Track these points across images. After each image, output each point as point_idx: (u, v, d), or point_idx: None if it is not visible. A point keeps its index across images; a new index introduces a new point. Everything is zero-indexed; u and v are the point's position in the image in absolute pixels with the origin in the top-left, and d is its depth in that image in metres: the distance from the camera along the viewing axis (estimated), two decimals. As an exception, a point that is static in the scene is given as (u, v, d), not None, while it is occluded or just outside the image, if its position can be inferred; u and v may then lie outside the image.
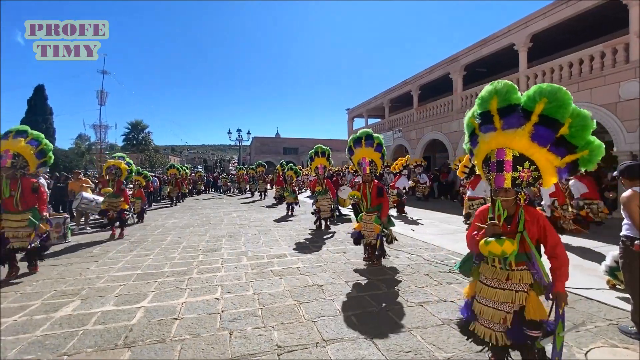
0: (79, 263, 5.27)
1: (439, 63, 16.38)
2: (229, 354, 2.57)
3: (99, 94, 34.23)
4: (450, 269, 4.60)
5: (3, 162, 4.32)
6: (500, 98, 1.95)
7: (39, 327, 3.05)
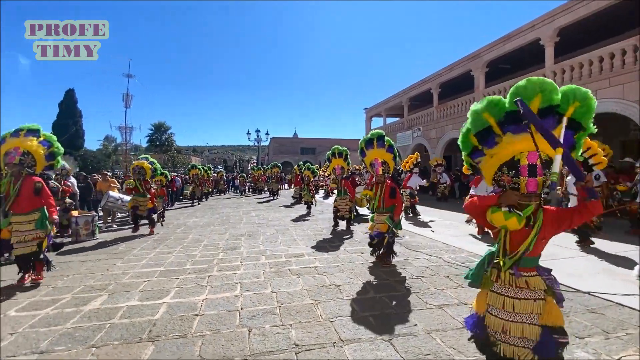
0: (106, 259, 5.50)
1: (460, 60, 15.98)
2: (247, 350, 2.61)
3: (124, 97, 35.66)
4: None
5: (11, 158, 4.11)
6: (545, 97, 1.77)
7: (69, 319, 3.21)
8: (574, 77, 10.53)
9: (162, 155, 42.85)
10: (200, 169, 17.16)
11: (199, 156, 77.10)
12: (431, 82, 18.32)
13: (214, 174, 23.30)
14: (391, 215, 4.68)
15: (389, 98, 23.36)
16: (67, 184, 7.84)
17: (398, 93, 22.09)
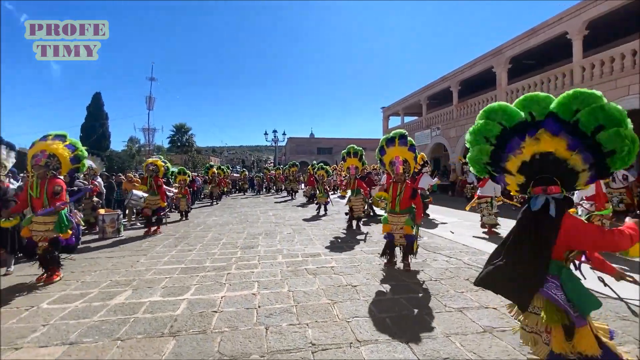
0: (130, 256, 5.72)
1: (481, 57, 15.54)
2: (265, 348, 2.64)
3: (147, 99, 36.94)
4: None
5: (37, 160, 4.28)
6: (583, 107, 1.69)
7: (96, 313, 3.36)
8: (604, 72, 10.03)
9: (182, 156, 44.02)
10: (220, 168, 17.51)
11: (218, 156, 78.67)
12: (450, 79, 17.92)
13: (234, 174, 23.81)
14: (413, 216, 4.55)
15: (407, 97, 23.03)
16: (94, 184, 8.20)
17: (416, 91, 21.74)
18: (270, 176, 23.39)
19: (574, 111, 1.67)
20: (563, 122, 1.71)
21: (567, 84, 11.34)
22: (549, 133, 1.74)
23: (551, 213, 1.69)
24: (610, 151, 1.61)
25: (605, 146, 1.61)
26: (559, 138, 1.72)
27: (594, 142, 1.63)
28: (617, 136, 1.56)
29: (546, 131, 1.74)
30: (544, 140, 1.75)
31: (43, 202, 4.28)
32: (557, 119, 1.72)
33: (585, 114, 1.63)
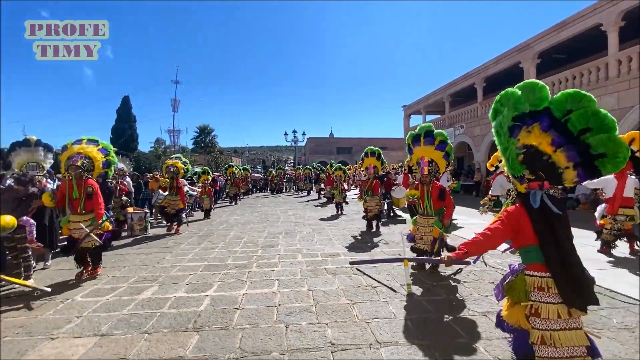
0: (156, 253, 5.94)
1: (507, 52, 14.98)
2: (285, 346, 2.67)
3: (172, 102, 38.26)
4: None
5: (74, 161, 4.43)
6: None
7: (125, 306, 3.51)
8: (644, 65, 9.39)
9: (206, 156, 45.26)
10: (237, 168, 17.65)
11: (240, 157, 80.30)
12: (475, 76, 17.38)
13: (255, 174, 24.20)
14: (440, 218, 4.38)
15: (429, 95, 22.56)
16: (123, 183, 8.57)
17: (438, 89, 21.25)
18: (290, 176, 23.58)
19: (567, 110, 1.74)
20: (554, 120, 1.77)
21: (601, 79, 10.71)
22: (540, 128, 1.81)
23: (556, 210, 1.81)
24: (600, 154, 1.67)
25: (594, 148, 1.67)
26: (546, 134, 1.79)
27: (581, 142, 1.70)
28: (609, 140, 1.63)
29: (539, 126, 1.81)
30: (534, 134, 1.83)
31: (80, 202, 4.48)
32: (551, 115, 1.78)
33: (577, 115, 1.70)
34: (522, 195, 1.93)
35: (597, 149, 1.67)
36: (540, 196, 1.83)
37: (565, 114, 1.74)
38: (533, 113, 1.82)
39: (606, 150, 1.65)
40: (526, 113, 1.84)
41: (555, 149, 1.78)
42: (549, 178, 1.84)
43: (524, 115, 1.84)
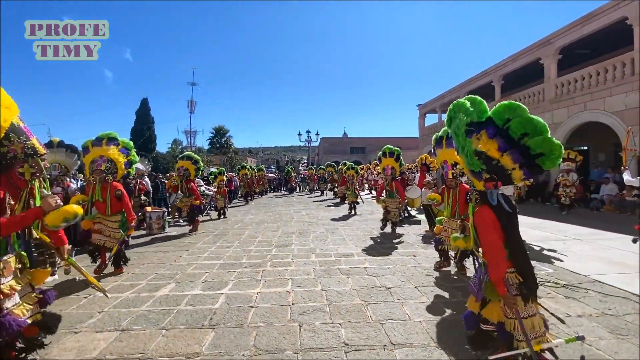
0: (174, 251, 6.08)
1: (527, 48, 14.53)
2: (298, 345, 2.68)
3: (189, 103, 39.07)
4: (540, 281, 4.05)
5: (98, 165, 4.49)
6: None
7: (144, 303, 3.61)
8: (675, 59, 8.91)
9: (221, 157, 45.95)
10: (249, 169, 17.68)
11: (254, 157, 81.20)
12: (493, 73, 16.95)
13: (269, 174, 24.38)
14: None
15: (445, 93, 22.17)
16: (142, 183, 8.82)
17: (454, 87, 20.86)
18: (303, 176, 23.70)
19: (506, 119, 1.98)
20: (498, 128, 2.01)
21: (627, 74, 10.26)
22: (487, 135, 2.03)
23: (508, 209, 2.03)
24: (538, 154, 1.92)
25: (534, 149, 1.92)
26: (492, 140, 2.01)
27: (522, 145, 1.94)
28: (544, 141, 1.89)
29: (486, 133, 2.03)
30: (482, 140, 2.04)
31: (107, 205, 4.58)
32: (494, 124, 2.02)
33: (516, 122, 1.95)
34: (483, 195, 2.11)
35: (536, 150, 1.91)
36: (496, 195, 2.04)
37: (506, 122, 1.98)
38: (480, 123, 2.06)
39: (543, 150, 1.90)
40: (475, 122, 2.07)
41: (502, 154, 1.99)
42: (501, 179, 2.05)
43: (473, 123, 2.08)
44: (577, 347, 2.58)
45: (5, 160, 1.93)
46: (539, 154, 1.92)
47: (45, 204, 2.08)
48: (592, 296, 3.61)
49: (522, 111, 1.97)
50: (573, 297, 3.59)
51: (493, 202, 2.03)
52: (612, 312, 3.20)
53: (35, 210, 2.06)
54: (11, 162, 1.97)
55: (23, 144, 1.98)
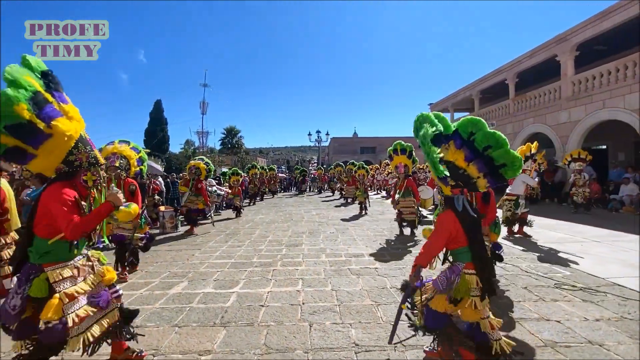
0: (186, 250, 6.18)
1: (543, 45, 14.18)
2: (309, 344, 2.69)
3: (201, 104, 39.61)
4: (557, 284, 3.95)
5: (112, 161, 4.56)
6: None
7: (157, 300, 3.69)
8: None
9: (232, 157, 46.43)
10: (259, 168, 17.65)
11: (265, 157, 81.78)
12: (507, 71, 16.61)
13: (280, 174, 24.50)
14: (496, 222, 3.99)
15: (457, 91, 21.83)
16: (156, 183, 9.00)
17: (467, 86, 20.51)
18: (313, 176, 23.72)
19: (470, 132, 2.17)
20: (464, 140, 2.20)
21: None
22: (455, 145, 2.23)
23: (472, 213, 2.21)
24: (501, 164, 2.11)
25: (497, 160, 2.11)
26: (460, 151, 2.21)
27: (486, 156, 2.13)
28: (506, 153, 2.09)
29: (454, 143, 2.23)
30: (450, 150, 2.24)
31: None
32: (460, 136, 2.21)
33: (479, 135, 2.14)
34: (448, 199, 2.27)
35: (499, 161, 2.11)
36: (462, 200, 2.21)
37: (470, 135, 2.17)
38: (447, 135, 2.24)
39: (505, 161, 2.10)
40: (442, 134, 2.24)
41: (468, 164, 2.19)
42: (467, 186, 2.24)
43: (441, 134, 2.24)
44: (594, 351, 2.52)
45: (72, 168, 2.12)
46: (502, 165, 2.12)
47: (115, 198, 2.22)
48: (610, 300, 3.50)
49: (483, 126, 2.18)
50: (591, 300, 3.49)
51: (459, 207, 2.20)
52: (631, 316, 3.10)
53: (106, 205, 2.20)
54: (77, 170, 2.15)
55: (88, 154, 2.18)
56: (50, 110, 1.96)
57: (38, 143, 1.95)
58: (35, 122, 1.88)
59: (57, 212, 1.98)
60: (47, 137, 1.96)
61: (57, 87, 2.08)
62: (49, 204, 2.01)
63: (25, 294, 1.95)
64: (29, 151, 1.97)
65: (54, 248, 2.04)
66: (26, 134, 1.89)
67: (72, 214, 2.00)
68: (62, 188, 2.06)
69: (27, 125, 1.86)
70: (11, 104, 1.78)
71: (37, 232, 2.03)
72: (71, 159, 2.10)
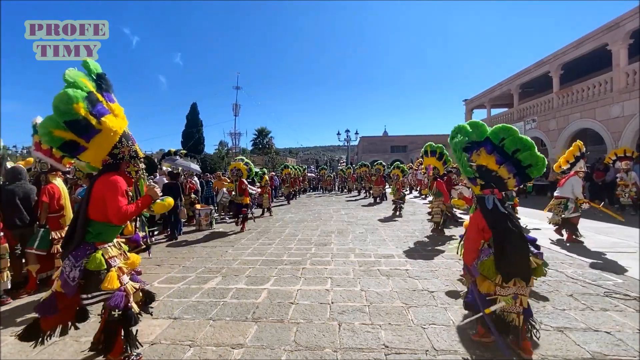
0: (220, 246, 6.43)
1: (592, 33, 13.11)
2: (338, 344, 2.70)
3: (234, 106, 40.93)
4: (607, 292, 3.64)
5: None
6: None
7: (193, 294, 3.87)
8: None
9: (263, 157, 47.53)
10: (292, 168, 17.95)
11: (295, 157, 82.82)
12: (550, 63, 15.54)
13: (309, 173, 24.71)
14: None
15: (494, 86, 20.78)
16: (192, 182, 9.44)
17: (505, 80, 19.46)
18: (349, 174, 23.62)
19: (501, 138, 2.46)
20: (495, 145, 2.49)
21: None
22: (485, 151, 2.51)
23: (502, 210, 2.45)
24: (528, 165, 2.40)
25: (524, 162, 2.40)
26: (491, 155, 2.49)
27: (514, 159, 2.43)
28: (532, 155, 2.38)
29: (485, 150, 2.51)
30: (482, 156, 2.52)
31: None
32: (491, 142, 2.50)
33: (509, 141, 2.43)
34: (479, 199, 2.53)
35: (526, 162, 2.40)
36: (492, 199, 2.47)
37: (501, 141, 2.46)
38: (479, 142, 2.53)
39: (531, 162, 2.39)
40: (474, 142, 2.54)
41: (499, 166, 2.47)
42: (498, 186, 2.51)
43: (473, 143, 2.54)
44: (652, 368, 2.29)
45: (116, 160, 2.36)
46: (528, 165, 2.40)
47: (153, 193, 2.49)
48: (671, 312, 3.16)
49: (514, 132, 2.44)
50: (647, 312, 3.18)
51: (489, 205, 2.45)
52: (698, 331, 2.78)
53: (147, 198, 2.47)
54: (120, 162, 2.38)
55: (129, 148, 2.42)
56: (101, 108, 2.21)
57: (90, 137, 2.20)
58: (89, 118, 2.13)
59: (110, 199, 2.21)
60: (97, 132, 2.20)
61: (108, 89, 2.31)
62: (103, 191, 2.23)
63: (82, 267, 2.17)
64: (81, 144, 2.21)
65: (107, 230, 2.32)
66: (81, 129, 2.14)
67: (122, 201, 2.24)
68: (114, 177, 2.29)
69: (82, 121, 2.11)
70: (71, 102, 2.03)
71: (93, 216, 2.26)
72: (115, 152, 2.34)
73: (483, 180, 2.52)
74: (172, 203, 2.65)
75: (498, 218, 2.41)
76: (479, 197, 2.54)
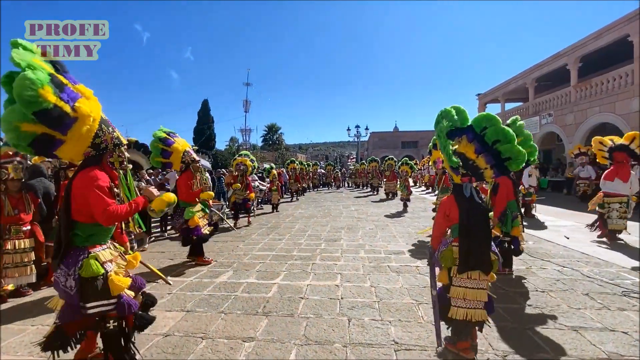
0: (231, 241, 6.52)
1: (612, 24, 12.62)
2: (347, 339, 2.71)
3: (244, 103, 41.17)
4: (625, 292, 3.54)
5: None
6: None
7: (206, 288, 3.95)
8: None
9: (273, 153, 47.74)
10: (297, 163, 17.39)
11: (304, 153, 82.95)
12: (568, 55, 15.05)
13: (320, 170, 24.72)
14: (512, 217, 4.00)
15: (509, 80, 20.27)
16: (204, 178, 9.55)
17: (520, 73, 18.95)
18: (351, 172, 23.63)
19: (483, 127, 2.35)
20: (476, 134, 2.38)
21: None
22: (467, 139, 2.41)
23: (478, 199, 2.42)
24: (507, 157, 2.30)
25: (503, 154, 2.30)
26: (471, 144, 2.40)
27: (494, 150, 2.32)
28: (512, 148, 2.28)
29: (466, 137, 2.41)
30: (463, 143, 2.44)
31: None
32: (473, 130, 2.38)
33: (490, 130, 2.32)
34: (457, 186, 2.47)
35: (505, 154, 2.30)
36: (470, 188, 2.41)
37: (482, 130, 2.35)
38: (461, 129, 2.41)
39: (511, 155, 2.29)
40: (458, 128, 2.41)
41: (477, 156, 2.37)
42: (475, 176, 2.44)
43: (456, 129, 2.42)
44: (671, 370, 2.23)
45: (99, 151, 2.05)
46: (507, 158, 2.31)
47: (149, 193, 2.28)
48: (694, 313, 3.06)
49: (497, 122, 2.35)
50: (668, 312, 3.08)
51: (467, 193, 2.40)
52: None
53: (142, 199, 2.23)
54: (103, 152, 2.10)
55: (111, 134, 2.09)
56: (70, 92, 1.86)
57: (66, 128, 1.85)
58: (61, 105, 1.76)
59: (92, 198, 1.93)
60: (74, 121, 1.86)
61: (64, 68, 1.95)
62: (84, 190, 1.95)
63: (76, 275, 1.93)
64: (57, 137, 1.86)
65: (97, 231, 2.06)
66: (54, 120, 1.77)
67: (107, 201, 1.97)
68: (95, 173, 1.99)
69: (53, 109, 1.73)
70: (35, 87, 1.64)
71: (77, 217, 1.99)
72: (97, 142, 2.02)
73: (465, 169, 2.44)
74: (173, 198, 2.39)
75: (473, 207, 2.37)
76: (457, 185, 2.49)
